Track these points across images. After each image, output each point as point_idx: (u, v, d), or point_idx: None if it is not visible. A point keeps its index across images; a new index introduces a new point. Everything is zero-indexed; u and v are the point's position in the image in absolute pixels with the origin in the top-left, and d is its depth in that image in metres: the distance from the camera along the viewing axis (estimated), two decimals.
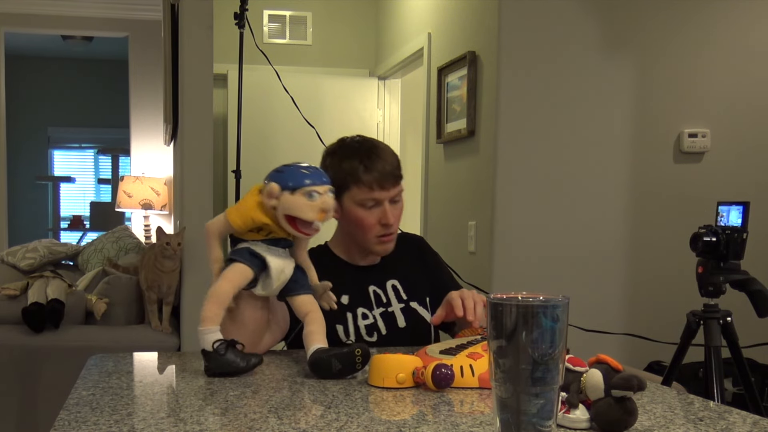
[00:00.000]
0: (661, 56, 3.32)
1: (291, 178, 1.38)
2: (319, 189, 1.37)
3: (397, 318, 1.80)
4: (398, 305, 1.81)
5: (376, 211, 1.74)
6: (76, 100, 8.33)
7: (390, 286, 1.83)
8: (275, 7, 5.12)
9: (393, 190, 1.74)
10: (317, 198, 1.36)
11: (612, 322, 3.20)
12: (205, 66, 3.17)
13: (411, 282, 1.85)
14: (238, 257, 1.40)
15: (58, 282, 3.21)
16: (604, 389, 0.99)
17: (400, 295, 1.83)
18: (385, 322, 1.79)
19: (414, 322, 1.81)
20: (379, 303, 1.81)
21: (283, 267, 1.42)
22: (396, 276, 1.84)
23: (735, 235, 2.27)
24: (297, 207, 1.36)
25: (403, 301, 1.82)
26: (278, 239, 1.43)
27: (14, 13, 5.63)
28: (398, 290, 1.83)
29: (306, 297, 1.45)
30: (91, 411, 1.09)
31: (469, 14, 3.53)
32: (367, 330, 1.77)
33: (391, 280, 1.84)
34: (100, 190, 8.76)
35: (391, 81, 5.15)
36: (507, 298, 0.84)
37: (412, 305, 1.83)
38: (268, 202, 1.38)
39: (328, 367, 1.31)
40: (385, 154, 1.75)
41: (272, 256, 1.41)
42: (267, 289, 1.42)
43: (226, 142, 4.86)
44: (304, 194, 1.36)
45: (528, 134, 3.22)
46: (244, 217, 1.40)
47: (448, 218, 3.77)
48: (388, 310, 1.81)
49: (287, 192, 1.36)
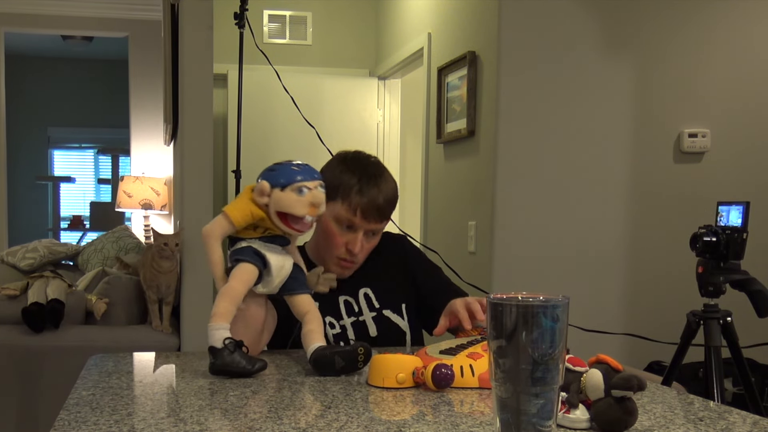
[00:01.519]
0: (661, 56, 3.32)
1: (281, 175, 1.39)
2: (309, 184, 1.38)
3: (368, 327, 1.76)
4: (370, 314, 1.77)
5: (347, 234, 1.70)
6: (76, 100, 8.33)
7: (362, 294, 1.79)
8: (275, 7, 5.12)
9: (373, 224, 1.70)
10: (307, 193, 1.37)
11: (612, 322, 3.21)
12: (205, 66, 3.17)
13: (385, 289, 1.81)
14: (244, 257, 1.40)
15: (58, 282, 3.21)
16: (604, 389, 0.99)
17: (372, 303, 1.79)
18: (356, 331, 1.75)
19: (386, 331, 1.77)
20: (350, 312, 1.76)
21: (283, 264, 1.43)
22: (369, 284, 1.80)
23: (735, 235, 2.27)
24: (287, 203, 1.37)
25: (375, 309, 1.78)
26: (275, 237, 1.43)
27: (14, 13, 5.63)
28: (370, 298, 1.79)
29: (305, 296, 1.46)
30: (91, 411, 1.09)
31: (469, 14, 3.54)
32: (334, 339, 1.72)
33: (363, 288, 1.79)
34: (100, 190, 8.76)
35: (391, 81, 5.15)
36: (507, 298, 0.84)
37: (385, 313, 1.78)
38: (260, 200, 1.38)
39: (331, 364, 1.32)
40: (384, 187, 1.70)
41: (271, 254, 1.41)
42: (268, 287, 1.43)
43: (226, 142, 4.86)
44: (294, 190, 1.37)
45: (528, 134, 3.22)
46: (243, 212, 1.40)
47: (448, 218, 3.77)
48: (359, 319, 1.76)
49: (278, 189, 1.37)
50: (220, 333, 1.32)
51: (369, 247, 1.75)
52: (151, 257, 3.08)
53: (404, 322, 1.80)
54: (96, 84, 8.29)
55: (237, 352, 1.31)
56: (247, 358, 1.32)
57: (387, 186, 1.71)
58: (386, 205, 1.70)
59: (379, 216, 1.70)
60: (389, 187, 1.71)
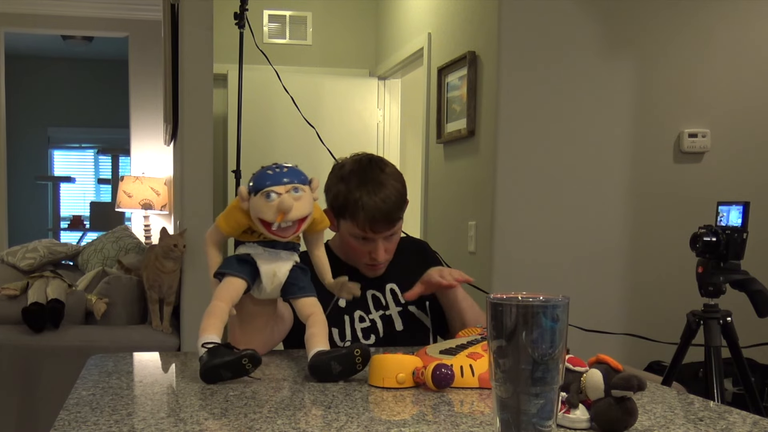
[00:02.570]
0: (661, 56, 3.32)
1: (257, 180, 1.37)
2: (278, 189, 1.34)
3: (395, 321, 1.81)
4: (396, 309, 1.82)
5: (367, 244, 1.74)
6: (76, 100, 8.33)
7: (389, 289, 1.84)
8: (275, 7, 5.12)
9: (386, 231, 1.73)
10: (275, 198, 1.33)
11: (612, 322, 3.20)
12: (205, 66, 3.17)
13: (410, 285, 1.83)
14: (226, 269, 1.40)
15: (58, 282, 3.22)
16: (604, 389, 0.99)
17: (398, 298, 1.83)
18: (383, 324, 1.80)
19: (412, 326, 1.82)
20: (378, 306, 1.82)
21: (275, 270, 1.41)
22: (395, 280, 1.85)
23: (735, 235, 2.27)
24: (258, 208, 1.35)
25: (400, 304, 1.83)
26: (275, 241, 1.41)
27: (14, 13, 5.63)
28: (396, 294, 1.84)
29: (307, 299, 1.44)
30: (91, 411, 1.09)
31: (469, 14, 3.53)
32: (363, 333, 1.77)
33: (389, 283, 1.84)
34: (100, 190, 8.76)
35: (391, 81, 5.15)
36: (507, 298, 0.84)
37: (410, 309, 1.83)
38: (242, 206, 1.38)
39: (328, 370, 1.30)
40: (386, 193, 1.69)
41: (263, 260, 1.40)
42: (261, 293, 1.42)
43: (226, 142, 4.86)
44: (263, 195, 1.34)
45: (528, 134, 3.22)
46: (229, 220, 1.40)
47: (448, 218, 3.77)
48: (386, 313, 1.81)
49: (252, 194, 1.36)
50: (200, 340, 1.32)
51: (392, 247, 1.79)
52: (155, 257, 3.08)
53: (428, 319, 1.84)
54: (96, 84, 8.29)
55: (220, 350, 1.28)
56: (232, 352, 1.28)
57: (387, 193, 1.70)
58: (393, 210, 1.70)
59: (389, 223, 1.72)
60: (390, 193, 1.70)
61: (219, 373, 1.27)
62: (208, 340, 1.32)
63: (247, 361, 1.27)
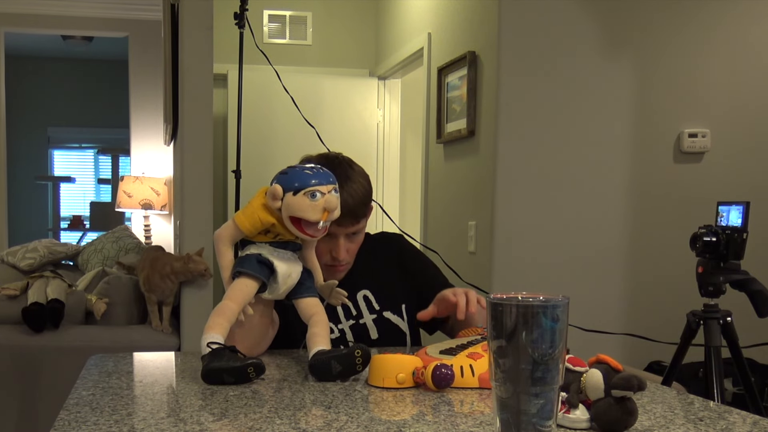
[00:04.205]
0: (661, 56, 3.32)
1: (295, 179, 1.36)
2: (323, 188, 1.35)
3: (369, 330, 1.75)
4: (370, 316, 1.76)
5: (328, 242, 1.66)
6: (76, 100, 8.33)
7: (361, 297, 1.77)
8: (275, 7, 5.12)
9: (350, 227, 1.67)
10: (320, 198, 1.34)
11: (612, 322, 3.21)
12: (205, 66, 3.17)
13: (385, 289, 1.79)
14: (246, 268, 1.39)
15: (58, 282, 3.21)
16: (604, 389, 0.99)
17: (372, 305, 1.77)
18: (355, 334, 1.74)
19: (387, 333, 1.76)
20: (349, 315, 1.75)
21: (290, 272, 1.41)
22: (368, 285, 1.78)
23: (735, 235, 2.27)
24: (300, 208, 1.34)
25: (375, 311, 1.77)
26: (286, 242, 1.42)
27: (14, 13, 5.63)
28: (370, 301, 1.77)
29: (311, 300, 1.44)
30: (91, 411, 1.09)
31: (469, 14, 3.53)
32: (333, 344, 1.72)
33: (362, 290, 1.77)
34: (100, 190, 8.76)
35: (391, 81, 5.15)
36: (507, 298, 0.84)
37: (386, 315, 1.77)
38: (272, 204, 1.36)
39: (328, 369, 1.30)
40: (352, 189, 1.64)
41: (279, 261, 1.40)
42: (273, 293, 1.42)
43: (226, 142, 4.86)
44: (307, 194, 1.34)
45: (528, 134, 3.22)
46: (252, 218, 1.39)
47: (448, 218, 3.77)
48: (360, 322, 1.75)
49: (290, 193, 1.35)
50: (206, 340, 1.32)
51: (354, 248, 1.73)
52: (171, 271, 3.04)
53: (404, 323, 1.79)
54: (96, 84, 8.29)
55: (226, 354, 1.29)
56: (237, 358, 1.29)
57: (355, 187, 1.65)
58: (358, 206, 1.65)
59: (353, 218, 1.66)
60: (358, 188, 1.66)
61: (221, 377, 1.27)
62: (213, 339, 1.32)
63: (252, 370, 1.27)
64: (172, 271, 3.04)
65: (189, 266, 3.01)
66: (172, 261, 3.08)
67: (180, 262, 3.04)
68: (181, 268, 3.02)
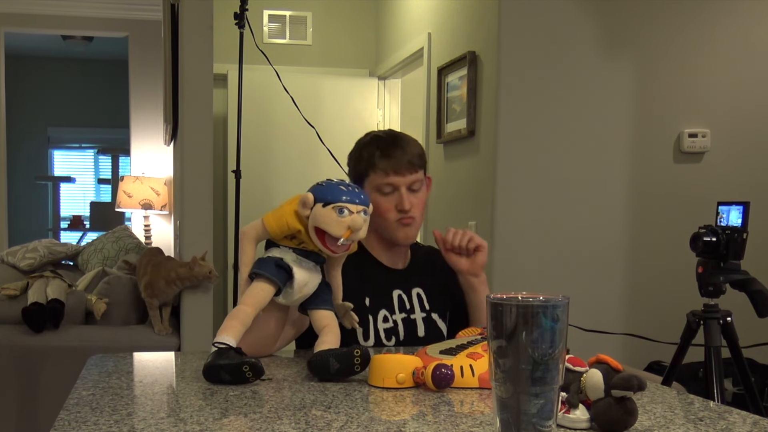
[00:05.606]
0: (661, 56, 3.32)
1: (328, 192, 1.39)
2: (352, 207, 1.37)
3: (418, 326, 1.79)
4: (420, 314, 1.80)
5: (393, 197, 1.73)
6: (76, 100, 8.33)
7: (415, 293, 1.82)
8: (275, 7, 5.12)
9: (409, 176, 1.73)
10: (347, 215, 1.36)
11: (612, 322, 3.20)
12: (205, 66, 3.17)
13: (435, 293, 1.84)
14: (264, 271, 1.40)
15: (58, 282, 3.21)
16: (604, 389, 0.99)
17: (424, 304, 1.82)
18: (405, 328, 1.78)
19: (432, 333, 1.80)
20: (402, 308, 1.79)
21: (308, 281, 1.42)
22: (421, 285, 1.83)
23: (735, 235, 2.27)
24: (325, 220, 1.36)
25: (425, 310, 1.81)
26: (309, 252, 1.43)
27: (14, 13, 5.63)
28: (422, 299, 1.82)
29: (326, 312, 1.45)
30: (91, 411, 1.09)
31: (469, 14, 3.53)
32: (386, 334, 1.75)
33: (416, 288, 1.83)
34: (100, 190, 8.76)
35: (391, 81, 5.15)
36: (507, 298, 0.84)
37: (433, 316, 1.82)
38: (302, 212, 1.38)
39: (326, 366, 1.30)
40: (406, 144, 1.74)
41: (299, 268, 1.41)
42: (287, 299, 1.42)
43: (226, 142, 4.86)
44: (335, 209, 1.36)
45: (528, 134, 3.22)
46: (280, 221, 1.41)
47: (448, 218, 3.77)
48: (411, 317, 1.79)
49: (320, 204, 1.37)
50: (215, 340, 1.32)
51: (418, 203, 1.77)
52: (176, 276, 3.03)
53: (445, 328, 1.84)
54: (96, 84, 8.29)
55: (229, 354, 1.29)
56: (237, 357, 1.29)
57: (408, 142, 1.75)
58: (415, 157, 1.74)
59: (412, 167, 1.73)
60: (411, 143, 1.75)
61: (219, 374, 1.27)
62: (223, 340, 1.32)
63: (248, 368, 1.27)
64: (177, 277, 3.02)
65: (194, 271, 3.00)
66: (176, 267, 3.06)
67: (185, 268, 3.02)
68: (186, 273, 3.01)
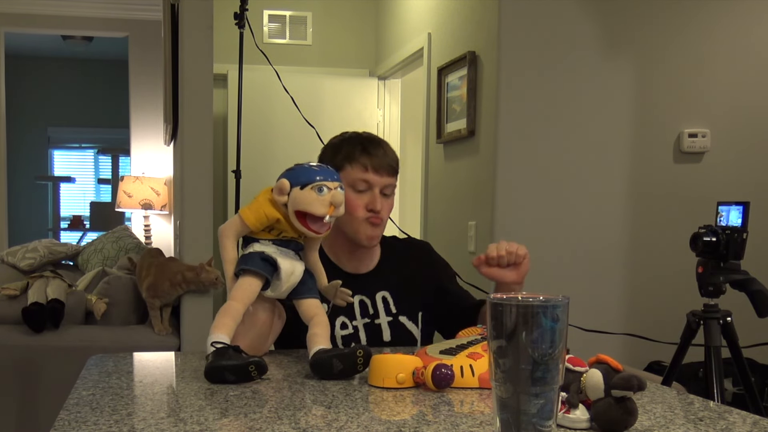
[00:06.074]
0: (661, 56, 3.32)
1: (302, 174, 1.39)
2: (329, 184, 1.38)
3: (383, 331, 1.76)
4: (386, 318, 1.76)
5: (365, 195, 1.70)
6: (76, 100, 8.33)
7: (380, 297, 1.78)
8: (275, 7, 5.12)
9: (386, 178, 1.71)
10: (327, 192, 1.36)
11: (612, 322, 3.20)
12: (205, 66, 3.17)
13: (405, 295, 1.80)
14: (250, 266, 1.39)
15: (58, 282, 3.21)
16: (604, 389, 0.99)
17: (390, 307, 1.78)
18: (368, 333, 1.74)
19: (400, 337, 1.77)
20: (365, 314, 1.75)
21: (293, 269, 1.42)
22: (388, 287, 1.79)
23: (735, 235, 2.27)
24: (306, 201, 1.36)
25: (391, 314, 1.77)
26: (289, 241, 1.43)
27: (14, 13, 5.63)
28: (388, 303, 1.78)
29: (313, 301, 1.45)
30: (91, 411, 1.09)
31: (469, 14, 3.54)
32: (343, 340, 1.71)
33: (381, 291, 1.78)
34: (100, 190, 8.76)
35: (391, 81, 5.15)
36: (507, 298, 0.84)
37: (401, 319, 1.78)
38: (279, 199, 1.38)
39: (329, 367, 1.31)
40: (387, 147, 1.75)
41: (283, 258, 1.41)
42: (276, 291, 1.42)
43: (226, 142, 4.86)
44: (314, 189, 1.36)
45: (528, 134, 3.22)
46: (258, 213, 1.40)
47: (448, 218, 3.77)
48: (375, 322, 1.75)
49: (297, 187, 1.37)
50: (211, 340, 1.32)
51: (389, 207, 1.75)
52: (183, 279, 3.02)
53: (417, 330, 1.80)
54: (96, 84, 8.29)
55: (229, 353, 1.30)
56: (240, 356, 1.30)
57: (387, 147, 1.75)
58: (394, 162, 1.74)
59: (391, 170, 1.72)
60: (391, 149, 1.76)
61: (223, 375, 1.27)
62: (218, 339, 1.32)
63: (254, 368, 1.28)
64: (183, 280, 3.01)
65: (201, 277, 2.99)
66: (183, 270, 3.04)
67: (192, 273, 3.00)
68: (193, 278, 3.00)
